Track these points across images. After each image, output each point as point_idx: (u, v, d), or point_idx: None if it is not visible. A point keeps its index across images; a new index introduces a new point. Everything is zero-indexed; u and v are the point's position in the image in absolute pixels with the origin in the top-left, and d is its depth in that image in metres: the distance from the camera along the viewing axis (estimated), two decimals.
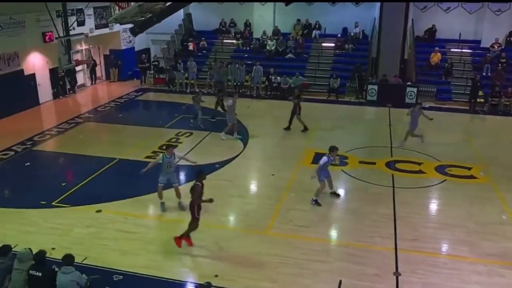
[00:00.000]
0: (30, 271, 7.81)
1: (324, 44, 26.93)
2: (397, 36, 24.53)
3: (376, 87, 23.14)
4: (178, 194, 12.12)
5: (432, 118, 16.90)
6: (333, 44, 26.73)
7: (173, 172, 12.12)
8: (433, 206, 12.78)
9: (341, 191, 13.59)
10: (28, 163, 15.56)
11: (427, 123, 16.73)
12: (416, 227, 11.35)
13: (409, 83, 23.53)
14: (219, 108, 19.92)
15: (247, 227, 11.39)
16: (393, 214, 11.98)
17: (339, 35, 26.88)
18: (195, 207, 10.22)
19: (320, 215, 11.92)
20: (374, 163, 15.29)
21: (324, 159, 12.22)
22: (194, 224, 10.33)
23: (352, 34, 26.85)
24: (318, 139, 17.58)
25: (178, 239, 10.40)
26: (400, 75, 24.27)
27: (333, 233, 11.39)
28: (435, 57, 24.74)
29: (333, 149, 12.33)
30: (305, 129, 18.26)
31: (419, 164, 15.20)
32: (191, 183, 10.71)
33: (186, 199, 11.19)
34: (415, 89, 22.63)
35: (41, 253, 8.05)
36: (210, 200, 10.30)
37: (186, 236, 10.44)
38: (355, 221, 11.67)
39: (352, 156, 15.89)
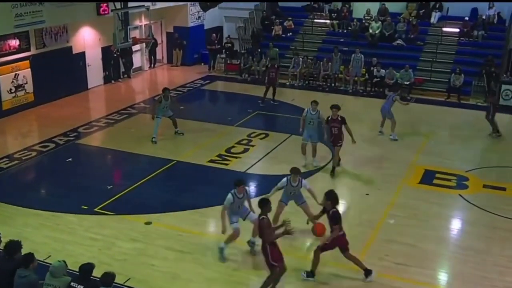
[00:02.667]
0: (72, 283, 8.17)
1: (445, 29, 26.22)
2: None
3: None
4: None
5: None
6: (457, 30, 25.95)
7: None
8: None
9: (456, 222, 13.15)
10: (70, 159, 16.40)
11: None
12: None
13: None
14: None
15: (331, 258, 11.24)
16: None
17: (467, 18, 26.03)
18: (268, 249, 9.63)
19: (426, 252, 11.54)
20: (504, 189, 14.62)
21: (283, 181, 11.73)
22: (273, 276, 9.70)
23: (484, 17, 25.90)
24: (431, 153, 17.09)
25: None
26: None
27: (442, 277, 11.00)
28: None
29: (293, 171, 11.63)
30: None
31: None
32: None
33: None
34: None
35: (89, 265, 8.40)
36: (287, 232, 9.52)
37: None
38: (474, 264, 11.18)
39: (474, 177, 15.29)
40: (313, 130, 15.53)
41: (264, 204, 9.91)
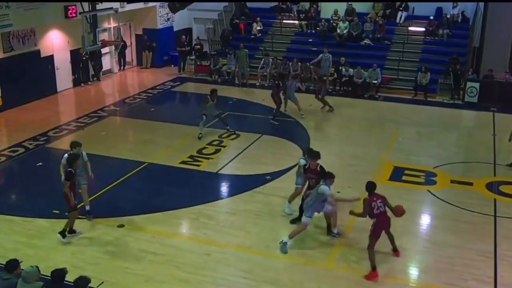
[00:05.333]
0: None
1: (411, 29, 26.55)
2: (508, 19, 23.79)
3: (477, 85, 22.56)
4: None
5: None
6: (423, 29, 26.29)
7: None
8: None
9: (425, 217, 13.34)
10: (40, 163, 16.16)
11: None
12: None
13: None
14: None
15: (302, 257, 11.32)
16: (494, 251, 11.57)
17: (432, 17, 26.39)
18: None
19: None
20: (471, 184, 14.86)
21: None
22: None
23: (448, 16, 26.30)
24: (399, 150, 17.29)
25: None
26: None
27: (412, 272, 11.12)
28: None
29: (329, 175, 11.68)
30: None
31: None
32: None
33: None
34: None
35: (61, 271, 8.36)
36: None
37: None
38: (442, 257, 11.35)
39: (442, 173, 15.51)
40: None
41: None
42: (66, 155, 12.38)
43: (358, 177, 15.10)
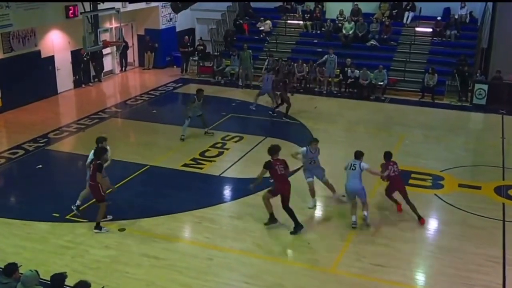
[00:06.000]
0: None
1: (418, 29, 26.53)
2: None
3: (485, 87, 22.51)
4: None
5: None
6: (430, 30, 26.28)
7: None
8: None
9: (432, 222, 13.29)
10: (40, 166, 16.18)
11: None
12: None
13: None
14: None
15: (306, 262, 11.31)
16: (503, 257, 11.54)
17: (439, 18, 26.37)
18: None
19: (402, 253, 11.66)
20: (479, 188, 14.83)
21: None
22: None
23: (456, 16, 26.28)
24: (406, 153, 17.24)
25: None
26: None
27: (419, 277, 11.11)
28: None
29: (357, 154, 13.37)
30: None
31: None
32: None
33: None
34: None
35: (61, 275, 8.37)
36: None
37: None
38: (449, 262, 11.32)
39: (450, 176, 15.48)
40: (316, 168, 13.77)
41: None
42: (92, 151, 12.79)
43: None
